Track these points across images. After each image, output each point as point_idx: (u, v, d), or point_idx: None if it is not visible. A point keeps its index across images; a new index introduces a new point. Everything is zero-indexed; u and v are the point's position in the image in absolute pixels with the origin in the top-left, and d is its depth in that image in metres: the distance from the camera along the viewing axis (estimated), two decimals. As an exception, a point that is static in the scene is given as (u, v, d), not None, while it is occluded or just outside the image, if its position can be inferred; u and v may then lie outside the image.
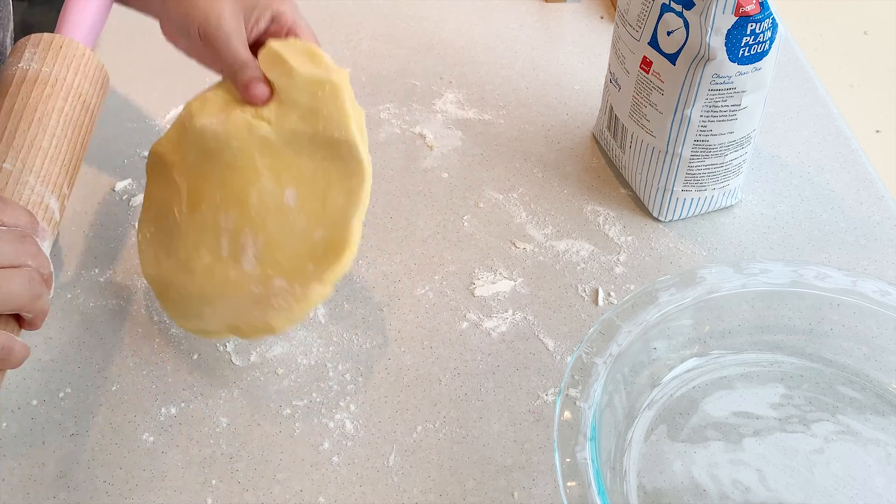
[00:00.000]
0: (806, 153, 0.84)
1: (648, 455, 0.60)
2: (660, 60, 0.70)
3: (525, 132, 0.86)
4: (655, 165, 0.75)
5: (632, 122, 0.75)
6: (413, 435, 0.63)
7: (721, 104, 0.69)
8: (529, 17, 1.00)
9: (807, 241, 0.76)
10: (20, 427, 0.63)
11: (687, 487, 0.58)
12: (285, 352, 0.68)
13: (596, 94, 0.86)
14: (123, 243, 0.75)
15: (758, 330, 0.64)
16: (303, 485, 0.60)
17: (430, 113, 0.88)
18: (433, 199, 0.80)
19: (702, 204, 0.77)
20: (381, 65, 0.93)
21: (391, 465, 0.61)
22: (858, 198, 0.80)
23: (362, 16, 0.99)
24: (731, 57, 0.66)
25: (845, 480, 0.58)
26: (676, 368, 0.63)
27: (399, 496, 0.60)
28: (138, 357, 0.67)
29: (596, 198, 0.80)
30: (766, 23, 0.66)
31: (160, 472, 0.61)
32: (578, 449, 0.52)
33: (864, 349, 0.63)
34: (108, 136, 0.84)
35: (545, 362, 0.67)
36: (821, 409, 0.62)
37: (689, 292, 0.61)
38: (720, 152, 0.72)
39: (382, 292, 0.72)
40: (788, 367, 0.64)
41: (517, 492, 0.60)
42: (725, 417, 0.61)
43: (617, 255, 0.75)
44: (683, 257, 0.75)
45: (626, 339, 0.58)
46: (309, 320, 0.70)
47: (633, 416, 0.61)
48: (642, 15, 0.70)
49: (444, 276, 0.73)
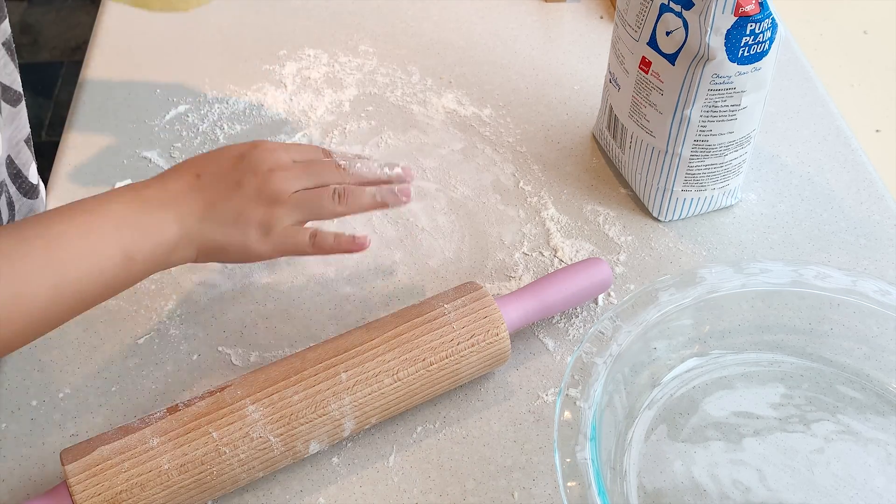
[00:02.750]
0: (806, 153, 0.84)
1: (648, 455, 0.60)
2: (659, 60, 0.70)
3: (525, 132, 0.86)
4: (655, 165, 0.75)
5: (631, 122, 0.75)
6: (413, 435, 0.63)
7: (721, 104, 0.69)
8: (529, 17, 1.00)
9: (807, 240, 0.76)
10: (20, 427, 0.63)
11: (687, 487, 0.58)
12: (285, 352, 0.68)
13: (596, 94, 0.86)
14: (123, 243, 0.75)
15: (758, 330, 0.64)
16: (303, 485, 0.60)
17: (430, 113, 0.88)
18: (433, 198, 0.80)
19: (702, 204, 0.77)
20: (382, 65, 0.93)
21: (391, 465, 0.61)
22: (858, 197, 0.80)
23: (362, 16, 0.99)
24: (731, 57, 0.66)
25: (845, 480, 0.58)
26: (676, 368, 0.63)
27: (399, 496, 0.60)
28: (138, 357, 0.67)
29: (596, 198, 0.80)
30: (765, 23, 0.66)
31: (160, 472, 0.61)
32: (578, 449, 0.52)
33: (864, 349, 0.63)
34: (108, 136, 0.84)
35: (545, 362, 0.67)
36: (821, 409, 0.62)
37: (689, 292, 0.61)
38: (720, 152, 0.72)
39: (382, 292, 0.72)
40: (788, 367, 0.64)
41: (517, 492, 0.60)
42: (725, 417, 0.61)
43: (617, 255, 0.75)
44: (683, 257, 0.75)
45: (626, 339, 0.58)
46: (308, 321, 0.70)
47: (634, 416, 0.61)
48: (641, 15, 0.70)
49: (444, 276, 0.73)
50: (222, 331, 0.69)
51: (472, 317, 0.62)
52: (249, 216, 0.60)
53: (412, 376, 0.60)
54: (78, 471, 0.54)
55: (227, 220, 0.60)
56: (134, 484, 0.54)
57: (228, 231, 0.60)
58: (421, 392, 0.61)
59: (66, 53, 2.26)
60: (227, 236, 0.60)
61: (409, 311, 0.63)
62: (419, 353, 0.60)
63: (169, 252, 0.58)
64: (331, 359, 0.59)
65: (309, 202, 0.63)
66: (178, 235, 0.58)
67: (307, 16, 0.83)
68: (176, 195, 0.59)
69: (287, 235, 0.62)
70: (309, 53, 0.94)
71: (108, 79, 0.90)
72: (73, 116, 0.87)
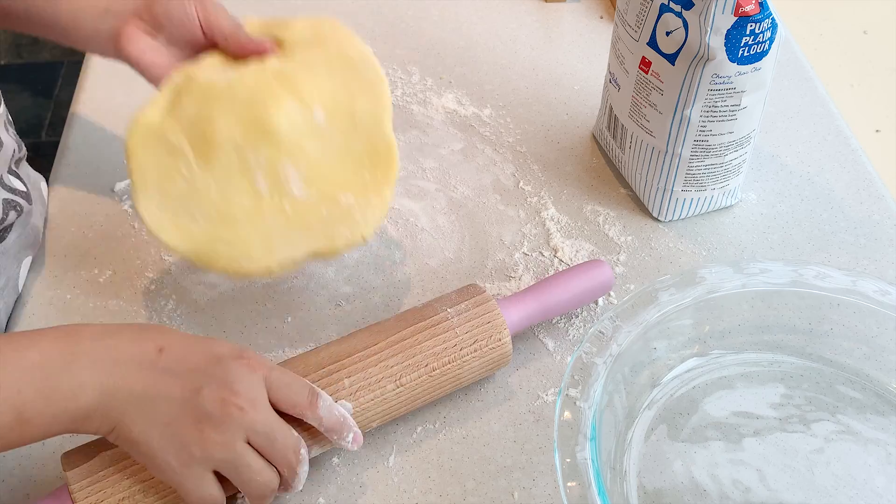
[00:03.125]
0: (806, 153, 0.84)
1: (648, 455, 0.60)
2: (659, 60, 0.70)
3: (525, 132, 0.86)
4: (655, 165, 0.75)
5: (631, 122, 0.75)
6: (413, 435, 0.63)
7: (721, 104, 0.69)
8: (529, 17, 1.00)
9: (807, 240, 0.76)
10: (20, 427, 0.63)
11: (687, 487, 0.58)
12: (285, 353, 0.68)
13: (596, 94, 0.86)
14: (123, 243, 0.75)
15: (758, 330, 0.64)
16: (303, 485, 0.60)
17: (430, 113, 0.88)
18: (433, 198, 0.80)
19: (702, 204, 0.77)
20: (381, 65, 0.93)
21: (391, 466, 0.61)
22: (858, 198, 0.80)
23: (362, 16, 0.99)
24: (731, 57, 0.66)
25: (845, 480, 0.58)
26: (676, 368, 0.63)
27: (399, 496, 0.60)
28: (138, 357, 0.67)
29: (596, 198, 0.80)
30: (765, 23, 0.66)
31: (160, 472, 0.61)
32: (578, 449, 0.52)
33: (864, 349, 0.63)
34: (108, 136, 0.84)
35: (545, 362, 0.67)
36: (821, 409, 0.62)
37: (689, 292, 0.61)
38: (720, 152, 0.72)
39: (382, 292, 0.72)
40: (788, 367, 0.64)
41: (517, 492, 0.60)
42: (725, 417, 0.61)
43: (617, 255, 0.75)
44: (683, 257, 0.75)
45: (626, 339, 0.58)
46: (308, 321, 0.70)
47: (634, 416, 0.61)
48: (641, 15, 0.70)
49: (444, 277, 0.73)
50: (222, 331, 0.69)
51: (476, 321, 0.62)
52: (180, 431, 0.50)
53: (414, 381, 0.60)
54: (79, 477, 0.53)
55: (157, 422, 0.50)
56: (136, 491, 0.54)
57: (151, 433, 0.50)
58: (423, 396, 0.61)
59: (66, 53, 2.26)
60: (147, 438, 0.50)
61: (412, 314, 0.62)
62: (422, 359, 0.60)
63: (77, 421, 0.49)
64: (334, 363, 0.59)
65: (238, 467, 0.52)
66: (94, 406, 0.49)
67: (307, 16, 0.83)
68: (116, 361, 0.50)
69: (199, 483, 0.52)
70: (309, 53, 0.94)
71: (108, 79, 0.90)
72: (73, 116, 0.87)
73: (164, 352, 0.51)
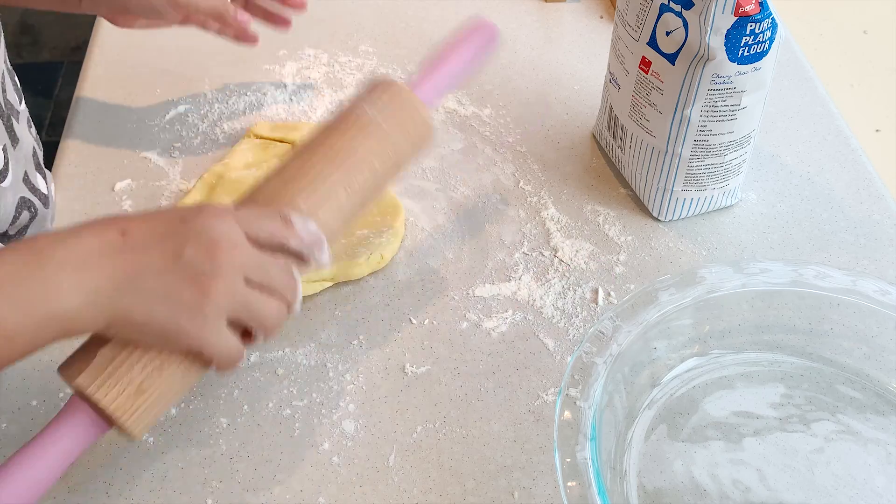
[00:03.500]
0: (806, 153, 0.84)
1: (648, 455, 0.60)
2: (659, 60, 0.70)
3: (525, 132, 0.86)
4: (655, 165, 0.75)
5: (631, 122, 0.75)
6: (413, 435, 0.63)
7: (721, 104, 0.69)
8: (529, 17, 1.00)
9: (807, 240, 0.76)
10: (20, 427, 0.63)
11: (687, 487, 0.58)
12: (285, 352, 0.68)
13: (596, 94, 0.86)
14: (123, 243, 0.75)
15: (758, 330, 0.64)
16: (303, 485, 0.60)
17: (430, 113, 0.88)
18: (433, 198, 0.80)
19: (702, 204, 0.77)
20: (381, 65, 0.93)
21: (391, 465, 0.61)
22: (858, 197, 0.80)
23: (362, 16, 0.99)
24: (731, 57, 0.66)
25: (845, 480, 0.58)
26: (676, 368, 0.63)
27: (399, 496, 0.60)
28: (138, 357, 0.67)
29: (596, 198, 0.80)
30: (765, 23, 0.66)
31: (160, 472, 0.61)
32: (578, 449, 0.52)
33: (864, 349, 0.63)
34: (108, 136, 0.84)
35: (545, 362, 0.67)
36: (821, 409, 0.62)
37: (689, 292, 0.61)
38: (720, 152, 0.73)
39: (382, 292, 0.72)
40: (788, 367, 0.64)
41: (517, 492, 0.60)
42: (725, 417, 0.61)
43: (617, 254, 0.75)
44: (683, 257, 0.75)
45: (626, 339, 0.58)
46: (308, 321, 0.70)
47: (634, 416, 0.61)
48: (641, 15, 0.70)
49: (443, 276, 0.73)
50: (222, 331, 0.69)
51: (395, 109, 0.63)
52: (181, 296, 0.50)
53: (362, 184, 0.61)
54: (91, 379, 0.52)
55: (155, 296, 0.50)
56: (151, 370, 0.52)
57: (154, 309, 0.50)
58: (372, 196, 0.62)
59: (66, 53, 2.26)
60: (152, 315, 0.50)
61: (336, 124, 0.62)
62: (362, 160, 0.61)
63: (65, 325, 0.48)
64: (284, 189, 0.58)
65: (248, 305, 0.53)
66: (80, 306, 0.48)
67: (307, 16, 0.83)
68: (86, 257, 0.49)
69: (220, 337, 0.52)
70: (309, 53, 0.94)
71: (108, 79, 0.90)
72: (73, 116, 0.87)
73: (128, 233, 0.50)
